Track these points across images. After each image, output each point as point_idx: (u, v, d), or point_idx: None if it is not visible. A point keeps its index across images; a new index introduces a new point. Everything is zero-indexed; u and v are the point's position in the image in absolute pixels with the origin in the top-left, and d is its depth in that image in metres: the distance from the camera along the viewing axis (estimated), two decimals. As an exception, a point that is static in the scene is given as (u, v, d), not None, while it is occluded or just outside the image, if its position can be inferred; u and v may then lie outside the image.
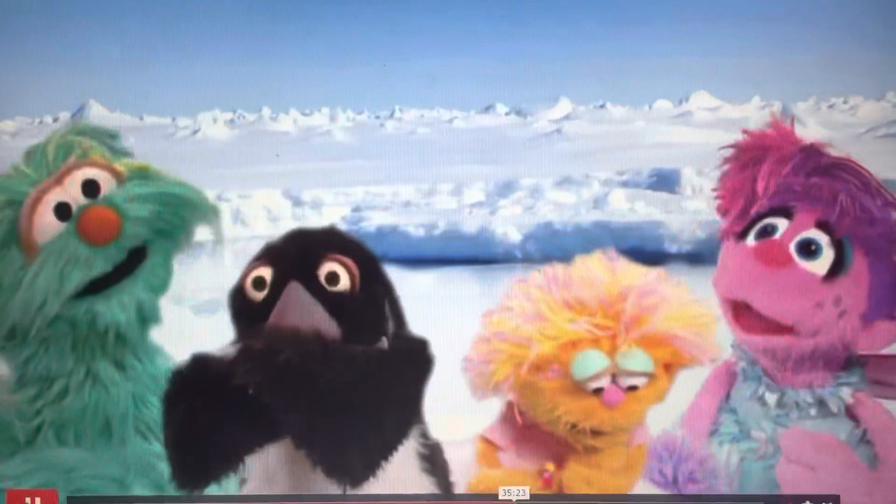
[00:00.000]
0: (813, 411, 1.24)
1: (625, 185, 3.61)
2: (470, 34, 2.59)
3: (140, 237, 1.21)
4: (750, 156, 1.26)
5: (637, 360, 1.11)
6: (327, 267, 1.05)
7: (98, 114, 2.58)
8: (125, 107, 2.12)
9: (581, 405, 1.12)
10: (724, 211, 1.29)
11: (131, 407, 1.23)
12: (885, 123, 2.90)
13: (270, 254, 1.07)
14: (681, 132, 3.57)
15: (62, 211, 1.19)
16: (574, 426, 1.13)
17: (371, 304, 1.08)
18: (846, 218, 1.17)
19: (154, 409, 1.23)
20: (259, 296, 1.05)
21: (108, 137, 1.30)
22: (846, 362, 1.20)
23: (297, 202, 3.74)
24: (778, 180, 1.21)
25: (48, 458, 1.13)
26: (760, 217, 1.23)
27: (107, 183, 1.22)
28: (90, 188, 1.21)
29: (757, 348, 1.26)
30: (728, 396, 1.34)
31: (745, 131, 1.30)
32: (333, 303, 1.05)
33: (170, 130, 3.07)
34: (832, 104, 3.51)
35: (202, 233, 1.29)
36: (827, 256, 1.20)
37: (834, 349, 1.20)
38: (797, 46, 2.63)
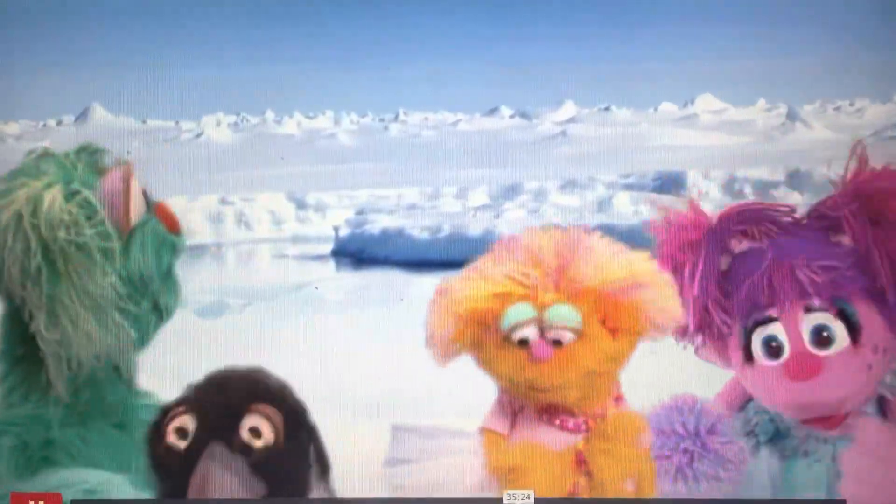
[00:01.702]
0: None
1: (630, 187, 3.60)
2: (474, 37, 2.59)
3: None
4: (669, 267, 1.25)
5: (560, 312, 1.13)
6: (250, 421, 1.04)
7: (101, 117, 2.58)
8: (128, 110, 2.12)
9: (511, 358, 1.14)
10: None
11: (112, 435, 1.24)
12: (891, 125, 2.89)
13: (193, 401, 1.07)
14: (686, 135, 3.56)
15: None
16: (512, 381, 1.16)
17: (295, 455, 1.08)
18: (822, 288, 1.17)
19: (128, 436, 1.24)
20: (180, 444, 1.06)
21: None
22: None
23: (302, 205, 3.73)
24: (698, 279, 1.21)
25: (69, 477, 1.14)
26: (748, 332, 1.22)
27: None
28: None
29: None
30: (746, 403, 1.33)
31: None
32: (257, 460, 1.05)
33: (173, 134, 3.06)
34: (838, 106, 3.50)
35: (204, 235, 1.28)
36: (840, 330, 1.20)
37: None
38: (803, 49, 2.62)
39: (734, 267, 1.19)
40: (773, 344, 1.17)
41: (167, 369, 1.41)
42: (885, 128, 2.87)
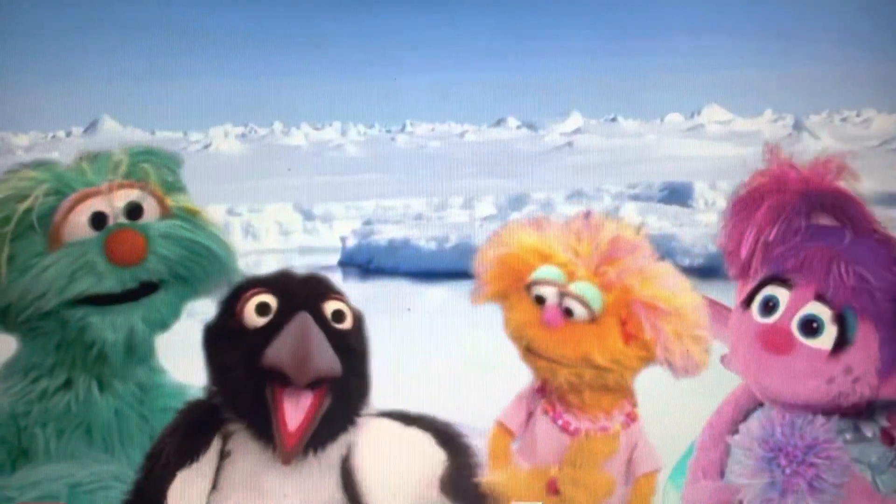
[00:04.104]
0: (848, 435, 1.22)
1: (636, 198, 3.60)
2: (481, 49, 2.60)
3: (158, 274, 1.23)
4: (747, 205, 1.25)
5: (584, 287, 1.15)
6: (333, 305, 1.04)
7: (111, 129, 2.60)
8: (137, 121, 2.13)
9: (526, 311, 1.17)
10: (729, 261, 1.28)
11: (114, 420, 1.24)
12: (898, 137, 2.89)
13: (269, 284, 1.05)
14: (693, 145, 3.56)
15: (98, 220, 1.21)
16: (518, 336, 1.17)
17: (365, 350, 1.09)
18: (842, 290, 1.16)
19: (133, 423, 1.23)
20: (259, 321, 1.01)
21: (173, 166, 1.31)
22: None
23: (309, 216, 3.74)
24: (773, 236, 1.20)
25: (53, 471, 1.13)
26: (762, 284, 1.21)
27: (152, 212, 1.25)
28: (134, 211, 1.23)
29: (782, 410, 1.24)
30: (753, 410, 1.32)
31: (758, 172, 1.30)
32: (338, 340, 1.03)
33: (181, 145, 3.07)
34: (845, 117, 3.50)
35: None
36: (830, 332, 1.17)
37: (856, 405, 1.19)
38: (809, 60, 2.62)
39: (802, 230, 1.19)
40: (770, 304, 1.18)
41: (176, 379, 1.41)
42: (892, 139, 2.87)
